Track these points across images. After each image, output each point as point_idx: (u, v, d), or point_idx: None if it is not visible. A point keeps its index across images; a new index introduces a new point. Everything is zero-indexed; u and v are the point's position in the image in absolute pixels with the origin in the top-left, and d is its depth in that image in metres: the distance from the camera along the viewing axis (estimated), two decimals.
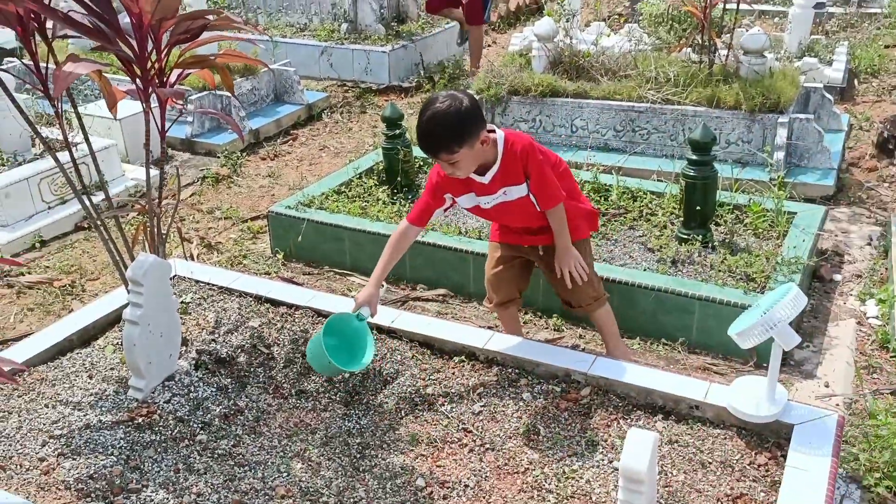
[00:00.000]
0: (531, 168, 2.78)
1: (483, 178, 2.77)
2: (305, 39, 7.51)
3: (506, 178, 2.78)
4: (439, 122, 2.58)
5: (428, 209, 2.89)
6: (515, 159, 2.75)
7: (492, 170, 2.76)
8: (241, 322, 3.10)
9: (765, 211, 3.91)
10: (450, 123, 2.58)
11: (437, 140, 2.60)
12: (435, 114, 2.58)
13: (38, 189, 4.51)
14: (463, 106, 2.59)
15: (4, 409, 2.65)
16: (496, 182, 2.78)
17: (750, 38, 4.93)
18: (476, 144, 2.63)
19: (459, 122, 2.58)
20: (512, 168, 2.76)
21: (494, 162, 2.75)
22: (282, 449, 2.53)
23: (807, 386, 3.18)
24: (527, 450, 2.51)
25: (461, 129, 2.59)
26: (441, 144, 2.60)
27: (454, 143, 2.59)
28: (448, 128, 2.58)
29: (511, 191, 2.81)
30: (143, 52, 2.54)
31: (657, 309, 3.37)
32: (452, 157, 2.62)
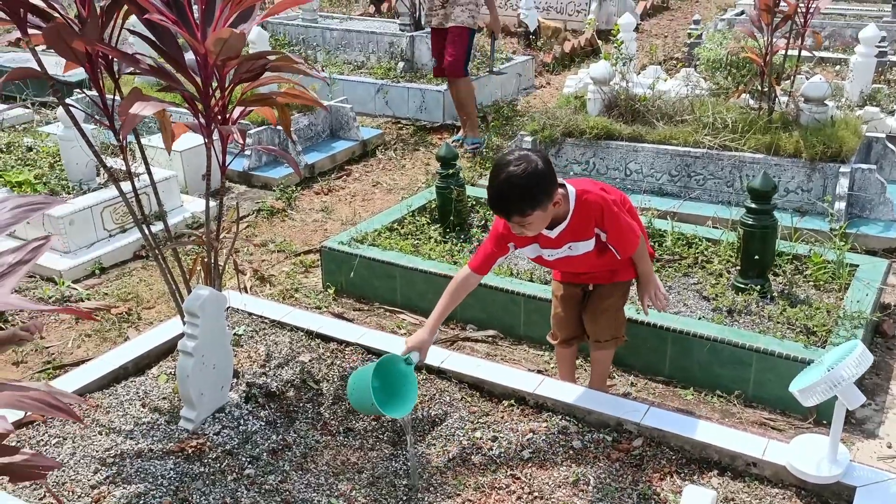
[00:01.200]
0: (607, 223, 2.75)
1: (551, 233, 2.74)
2: (362, 77, 7.63)
3: (574, 233, 2.75)
4: (514, 185, 2.52)
5: (492, 257, 2.85)
6: (588, 216, 2.72)
7: (560, 225, 2.72)
8: (291, 356, 3.11)
9: (826, 262, 3.82)
10: (524, 187, 2.52)
11: (511, 203, 2.56)
12: (510, 177, 2.52)
13: (101, 217, 4.62)
14: (538, 168, 2.53)
15: (60, 435, 2.69)
16: (564, 237, 2.75)
17: (812, 86, 4.87)
18: (549, 206, 2.59)
19: (534, 186, 2.53)
20: (582, 224, 2.73)
21: (564, 218, 2.71)
22: (328, 487, 2.52)
23: (868, 446, 3.06)
24: (576, 500, 2.46)
25: (535, 193, 2.54)
26: (514, 208, 2.56)
27: (528, 206, 2.55)
28: (522, 191, 2.53)
29: (577, 246, 2.79)
30: (206, 89, 2.60)
31: (712, 360, 3.30)
32: (525, 220, 2.58)
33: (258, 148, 3.19)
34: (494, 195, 2.60)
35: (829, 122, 4.87)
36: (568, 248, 2.79)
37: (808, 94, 4.89)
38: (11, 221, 1.27)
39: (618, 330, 3.04)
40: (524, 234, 2.68)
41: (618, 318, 3.03)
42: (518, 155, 2.58)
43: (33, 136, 5.70)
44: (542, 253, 2.85)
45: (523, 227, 2.63)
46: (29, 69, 2.49)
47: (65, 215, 4.42)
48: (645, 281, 2.98)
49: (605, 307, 3.00)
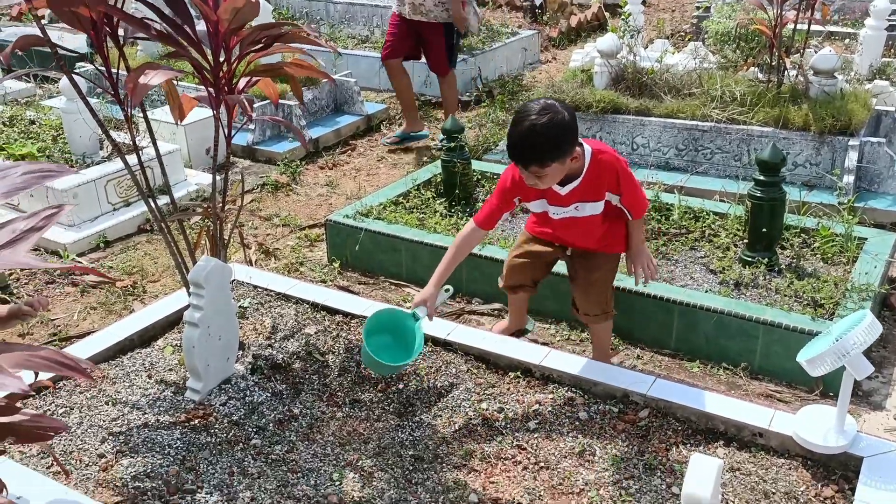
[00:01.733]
0: (623, 183, 2.73)
1: (561, 189, 2.71)
2: (366, 51, 7.58)
3: (584, 193, 2.72)
4: (538, 134, 2.48)
5: (497, 212, 2.84)
6: (600, 176, 2.70)
7: (573, 183, 2.70)
8: (297, 329, 3.11)
9: (834, 235, 3.79)
10: (548, 136, 2.48)
11: (533, 153, 2.52)
12: (534, 125, 2.47)
13: (105, 191, 4.61)
14: (564, 120, 2.49)
15: (67, 405, 2.70)
16: (573, 195, 2.73)
17: (821, 59, 4.82)
18: (567, 160, 2.56)
19: (557, 137, 2.49)
20: (594, 184, 2.71)
21: (578, 175, 2.69)
22: (335, 457, 2.52)
23: (875, 418, 3.06)
24: (582, 470, 2.46)
25: (558, 144, 2.50)
26: (535, 157, 2.52)
27: (548, 157, 2.51)
28: (546, 141, 2.49)
29: (585, 207, 2.76)
30: (217, 59, 2.57)
31: (719, 332, 3.28)
32: (542, 171, 2.54)
33: (265, 118, 3.17)
34: (516, 143, 2.53)
35: (838, 96, 4.82)
36: (574, 208, 2.76)
37: (818, 66, 4.84)
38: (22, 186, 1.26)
39: (607, 304, 3.03)
40: (537, 185, 2.63)
41: (607, 291, 3.02)
42: (544, 104, 2.52)
43: (36, 110, 5.68)
44: (548, 209, 2.82)
45: (538, 179, 2.58)
46: (33, 37, 2.47)
47: (69, 188, 4.40)
48: (638, 251, 2.98)
49: (595, 280, 2.98)
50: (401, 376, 2.87)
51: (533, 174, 2.57)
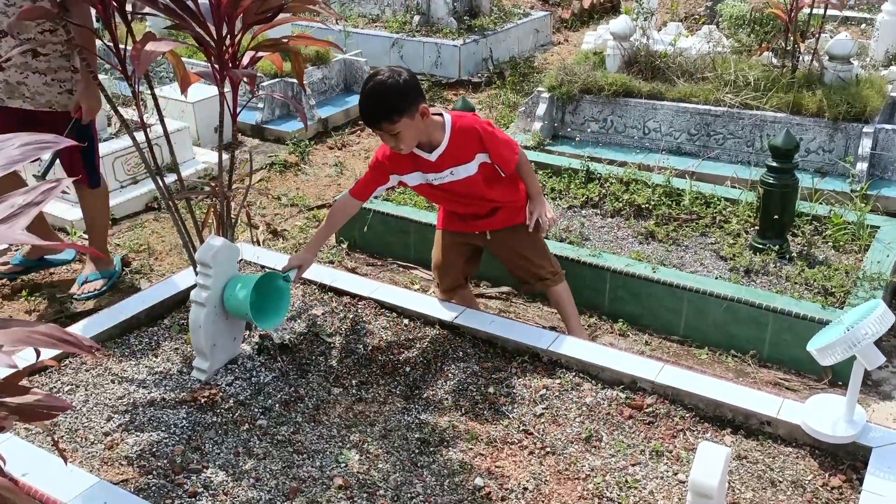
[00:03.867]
0: (486, 141, 2.89)
1: (430, 156, 2.88)
2: (377, 31, 7.52)
3: (454, 157, 2.88)
4: (381, 92, 2.69)
5: (371, 183, 3.00)
6: (464, 139, 2.86)
7: (439, 148, 2.86)
8: (304, 310, 3.10)
9: (846, 223, 3.76)
10: (391, 93, 2.69)
11: (379, 109, 2.71)
12: (376, 84, 2.70)
13: (112, 168, 4.60)
14: (402, 78, 2.71)
15: (73, 383, 2.70)
16: (444, 160, 2.89)
17: (837, 44, 4.75)
18: (416, 116, 2.73)
19: (399, 93, 2.70)
20: (460, 145, 2.87)
21: (441, 140, 2.86)
22: (340, 439, 2.52)
23: (884, 408, 3.04)
24: (588, 456, 2.45)
25: (401, 99, 2.70)
26: (382, 113, 2.70)
27: (395, 113, 2.69)
28: (389, 97, 2.69)
29: (458, 171, 2.91)
30: (220, 33, 2.54)
31: (728, 319, 3.26)
32: (394, 128, 2.71)
33: (269, 95, 3.14)
34: (363, 102, 2.74)
35: (853, 82, 4.76)
36: (450, 172, 2.91)
37: (834, 51, 4.77)
38: (19, 158, 1.24)
39: (553, 265, 3.17)
40: (399, 149, 2.80)
41: (544, 251, 3.17)
42: (386, 69, 2.77)
43: None
44: (427, 179, 2.95)
45: (396, 141, 2.76)
46: (41, 7, 2.44)
47: None
48: (536, 202, 3.07)
49: (524, 247, 3.12)
50: (407, 359, 2.86)
51: (388, 133, 2.74)
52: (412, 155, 2.88)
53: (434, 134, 2.86)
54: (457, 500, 2.28)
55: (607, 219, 4.05)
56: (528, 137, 5.27)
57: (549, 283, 3.17)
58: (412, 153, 2.88)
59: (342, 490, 2.30)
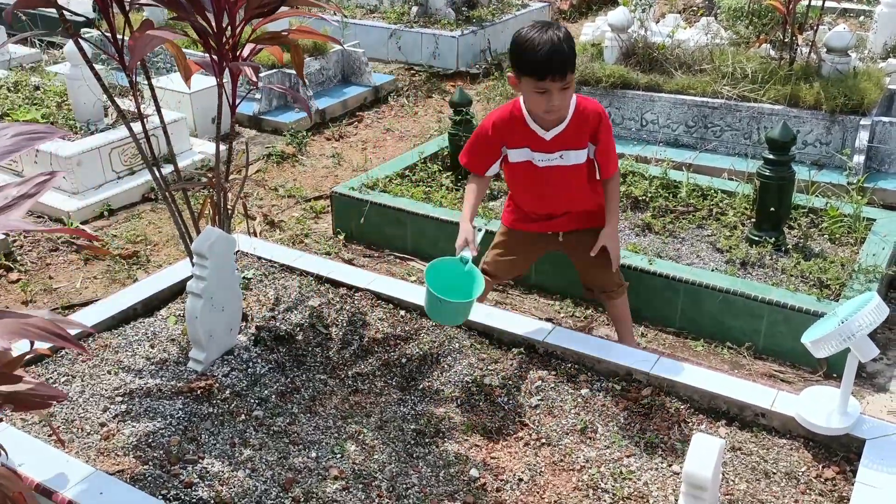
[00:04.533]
0: (602, 132, 2.78)
1: (546, 134, 2.75)
2: (375, 21, 7.50)
3: (569, 139, 2.76)
4: (566, 40, 2.56)
5: (485, 157, 2.88)
6: (584, 122, 2.75)
7: (559, 127, 2.75)
8: (300, 301, 3.11)
9: (842, 216, 3.76)
10: (571, 44, 2.58)
11: (568, 56, 2.56)
12: (565, 33, 2.56)
13: (109, 159, 4.59)
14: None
15: (69, 373, 2.70)
16: (557, 141, 2.76)
17: (835, 36, 4.75)
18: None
19: (574, 45, 2.61)
20: (578, 130, 2.75)
21: (562, 122, 2.74)
22: (336, 430, 2.52)
23: (879, 400, 3.05)
24: (583, 447, 2.45)
25: (575, 52, 2.61)
26: (570, 61, 2.58)
27: (574, 59, 2.60)
28: (571, 48, 2.58)
29: (569, 155, 2.79)
30: (220, 24, 2.54)
31: (724, 311, 3.27)
32: (568, 80, 2.59)
33: (269, 86, 3.14)
34: (553, 51, 2.54)
35: (850, 74, 4.76)
36: (560, 156, 2.79)
37: (831, 44, 4.77)
38: (12, 149, 1.24)
39: (620, 276, 3.07)
40: (558, 109, 2.66)
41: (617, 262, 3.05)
42: (545, 21, 2.65)
43: (41, 76, 5.64)
44: (532, 158, 2.82)
45: (563, 97, 2.62)
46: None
47: (72, 155, 4.39)
48: (612, 233, 2.93)
49: (599, 254, 2.97)
50: (404, 351, 2.87)
51: (567, 84, 2.60)
52: (525, 128, 2.76)
53: (562, 112, 2.73)
54: (452, 491, 2.29)
55: None
56: None
57: (612, 294, 3.07)
58: (526, 127, 2.75)
59: (338, 481, 2.31)
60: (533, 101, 2.68)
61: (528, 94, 2.67)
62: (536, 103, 2.68)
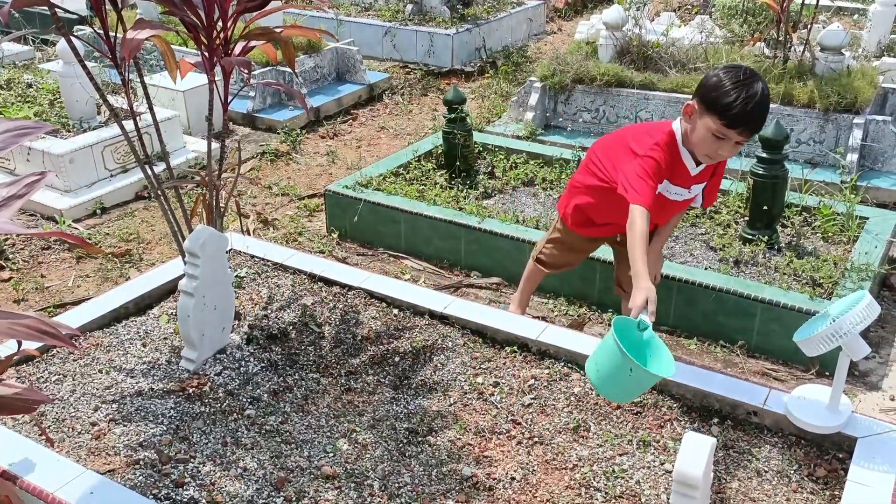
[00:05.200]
0: (721, 168, 2.76)
1: (693, 170, 2.65)
2: (369, 19, 7.49)
3: (705, 174, 2.69)
4: (767, 99, 2.44)
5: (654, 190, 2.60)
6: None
7: (701, 164, 2.64)
8: (293, 299, 3.10)
9: (835, 214, 3.77)
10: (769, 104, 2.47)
11: (764, 118, 2.48)
12: (765, 90, 2.43)
13: (102, 157, 4.58)
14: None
15: (60, 373, 2.69)
16: (701, 176, 2.68)
17: (829, 35, 4.75)
18: None
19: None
20: (710, 166, 2.69)
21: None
22: (329, 429, 2.52)
23: (871, 398, 3.05)
24: (576, 446, 2.45)
25: None
26: (762, 123, 2.51)
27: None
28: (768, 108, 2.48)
29: (696, 189, 2.74)
30: (210, 18, 2.53)
31: (717, 309, 3.27)
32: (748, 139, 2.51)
33: (264, 83, 3.11)
34: (759, 108, 2.41)
35: (844, 72, 4.77)
36: (689, 189, 2.70)
37: (825, 42, 4.77)
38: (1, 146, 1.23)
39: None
40: (722, 157, 2.56)
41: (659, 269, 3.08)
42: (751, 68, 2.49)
43: (34, 73, 5.62)
44: (668, 191, 2.69)
45: (737, 147, 2.51)
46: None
47: (65, 153, 4.37)
48: (660, 254, 2.94)
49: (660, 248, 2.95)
50: (397, 350, 2.86)
51: (743, 142, 2.49)
52: (679, 162, 2.63)
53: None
54: (445, 490, 2.29)
55: None
56: (521, 127, 5.27)
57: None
58: (680, 160, 2.62)
59: (330, 480, 2.30)
60: (705, 141, 2.51)
61: (704, 132, 2.49)
62: (707, 145, 2.51)
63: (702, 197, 2.81)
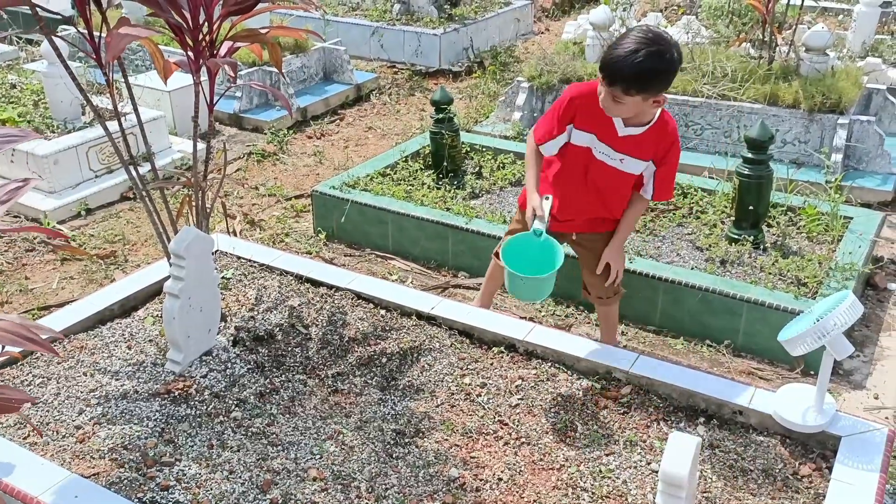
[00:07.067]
0: (672, 155, 2.71)
1: (621, 130, 2.65)
2: (357, 19, 7.48)
3: (639, 147, 2.67)
4: (641, 62, 2.38)
5: (552, 130, 2.73)
6: (660, 138, 2.66)
7: (635, 129, 2.64)
8: (280, 300, 3.09)
9: (820, 214, 3.79)
10: (648, 69, 2.40)
11: (631, 78, 2.42)
12: (650, 53, 2.38)
13: (87, 157, 4.55)
14: (675, 58, 2.42)
15: (44, 375, 2.68)
16: (628, 143, 2.66)
17: (814, 35, 4.78)
18: (649, 100, 2.51)
19: (657, 74, 2.43)
20: (650, 141, 2.66)
21: (643, 125, 2.64)
22: (315, 431, 2.51)
23: (855, 397, 3.07)
24: (563, 446, 2.46)
25: (652, 80, 2.45)
26: (630, 83, 2.44)
27: (640, 88, 2.45)
28: (643, 71, 2.40)
29: (629, 163, 2.70)
30: (195, 20, 2.51)
31: (703, 309, 3.28)
32: (624, 98, 2.48)
33: (249, 84, 3.11)
34: (617, 60, 2.42)
35: (829, 73, 4.80)
36: (620, 159, 2.70)
37: (810, 43, 4.80)
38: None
39: (619, 285, 3.02)
40: (608, 110, 2.56)
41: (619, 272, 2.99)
42: (659, 33, 2.45)
43: (18, 74, 5.58)
44: (593, 146, 2.71)
45: (613, 104, 2.52)
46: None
47: (49, 154, 4.34)
48: (618, 249, 2.89)
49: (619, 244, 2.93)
50: (384, 351, 2.86)
51: (611, 95, 2.50)
52: (603, 116, 2.63)
53: (643, 115, 2.62)
54: (431, 491, 2.29)
55: None
56: (508, 127, 5.27)
57: (606, 302, 3.05)
58: (606, 116, 2.63)
59: (317, 482, 2.30)
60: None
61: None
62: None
63: (652, 187, 2.78)
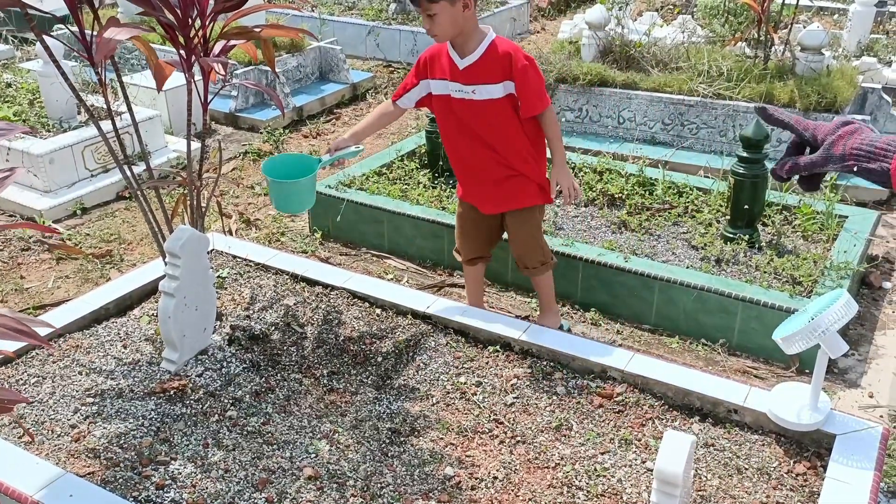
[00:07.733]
0: (518, 69, 2.82)
1: (460, 62, 2.85)
2: (353, 18, 7.47)
3: (481, 73, 2.83)
4: None
5: (406, 85, 3.02)
6: (496, 60, 2.83)
7: (470, 57, 2.83)
8: (276, 300, 3.09)
9: (815, 213, 3.79)
10: None
11: None
12: None
13: (82, 157, 4.54)
14: None
15: (39, 374, 2.67)
16: (472, 72, 2.84)
17: (809, 35, 4.79)
18: (457, 5, 2.72)
19: None
20: (491, 65, 2.83)
21: (475, 49, 2.83)
22: (311, 430, 2.51)
23: (850, 395, 3.08)
24: (558, 445, 2.46)
25: None
26: None
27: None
28: None
29: (481, 90, 2.85)
30: (186, 18, 2.51)
31: (698, 308, 3.29)
32: (431, 7, 2.71)
33: (242, 83, 3.11)
34: None
35: (824, 72, 4.80)
36: (472, 90, 2.86)
37: (805, 42, 4.81)
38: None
39: (544, 255, 3.14)
40: (433, 35, 2.79)
41: (539, 243, 3.13)
42: None
43: (13, 73, 5.57)
44: (449, 89, 2.90)
45: (432, 23, 2.75)
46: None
47: (44, 153, 4.33)
48: (560, 171, 2.95)
49: (525, 236, 3.08)
50: (379, 350, 2.86)
51: (425, 12, 2.74)
52: (446, 58, 2.87)
53: (471, 38, 2.82)
54: (427, 490, 2.29)
55: (581, 208, 4.07)
56: None
57: (533, 272, 3.17)
58: (447, 56, 2.87)
59: (312, 481, 2.30)
60: None
61: None
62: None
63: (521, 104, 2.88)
